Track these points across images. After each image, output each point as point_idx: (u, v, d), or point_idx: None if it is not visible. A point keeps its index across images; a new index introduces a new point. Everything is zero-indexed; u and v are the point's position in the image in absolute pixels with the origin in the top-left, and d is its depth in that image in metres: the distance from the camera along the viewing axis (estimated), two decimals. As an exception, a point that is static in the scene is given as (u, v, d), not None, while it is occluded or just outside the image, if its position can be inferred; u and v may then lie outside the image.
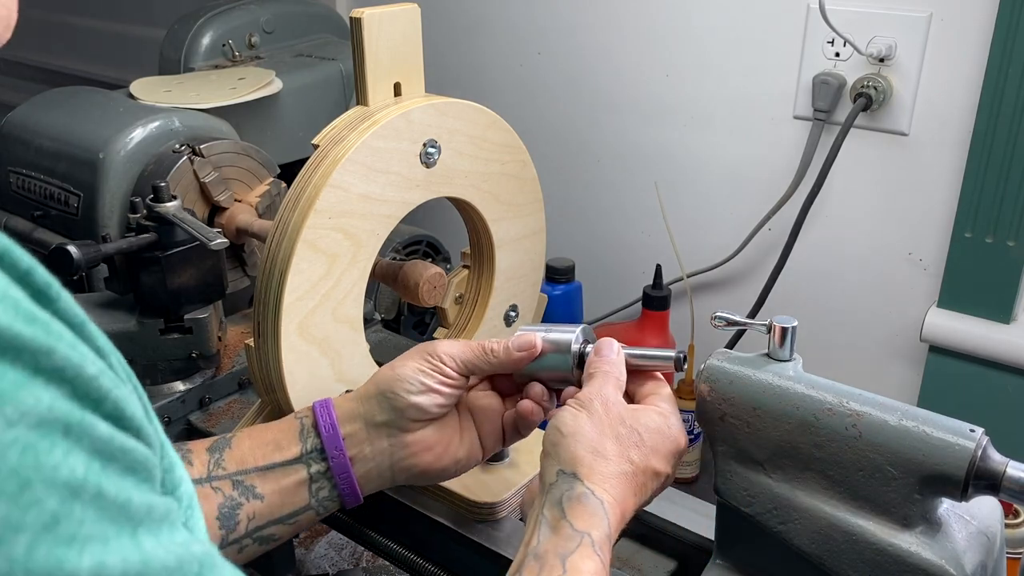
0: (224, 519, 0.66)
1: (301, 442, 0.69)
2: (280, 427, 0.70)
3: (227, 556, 0.66)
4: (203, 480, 0.66)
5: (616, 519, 0.59)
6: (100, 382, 0.31)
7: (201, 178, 1.03)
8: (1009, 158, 1.02)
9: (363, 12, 0.75)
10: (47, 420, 0.28)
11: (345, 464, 0.69)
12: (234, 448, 0.68)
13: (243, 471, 0.67)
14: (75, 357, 0.30)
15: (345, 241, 0.76)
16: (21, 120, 1.14)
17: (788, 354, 0.64)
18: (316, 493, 0.69)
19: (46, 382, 0.29)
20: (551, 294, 1.19)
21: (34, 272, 0.31)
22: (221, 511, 0.65)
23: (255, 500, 0.67)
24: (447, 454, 0.71)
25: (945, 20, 1.06)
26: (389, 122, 0.75)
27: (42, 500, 0.27)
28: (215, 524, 0.65)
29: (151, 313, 0.94)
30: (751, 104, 1.23)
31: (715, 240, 1.30)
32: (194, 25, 1.32)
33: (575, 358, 0.71)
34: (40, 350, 0.29)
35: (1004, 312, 1.09)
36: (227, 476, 0.67)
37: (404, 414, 0.69)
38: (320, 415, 0.69)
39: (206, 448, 0.68)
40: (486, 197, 0.87)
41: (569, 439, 0.61)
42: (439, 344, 0.71)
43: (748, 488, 0.63)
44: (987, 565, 0.58)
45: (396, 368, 0.70)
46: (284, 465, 0.68)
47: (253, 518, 0.67)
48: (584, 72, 1.37)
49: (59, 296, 0.31)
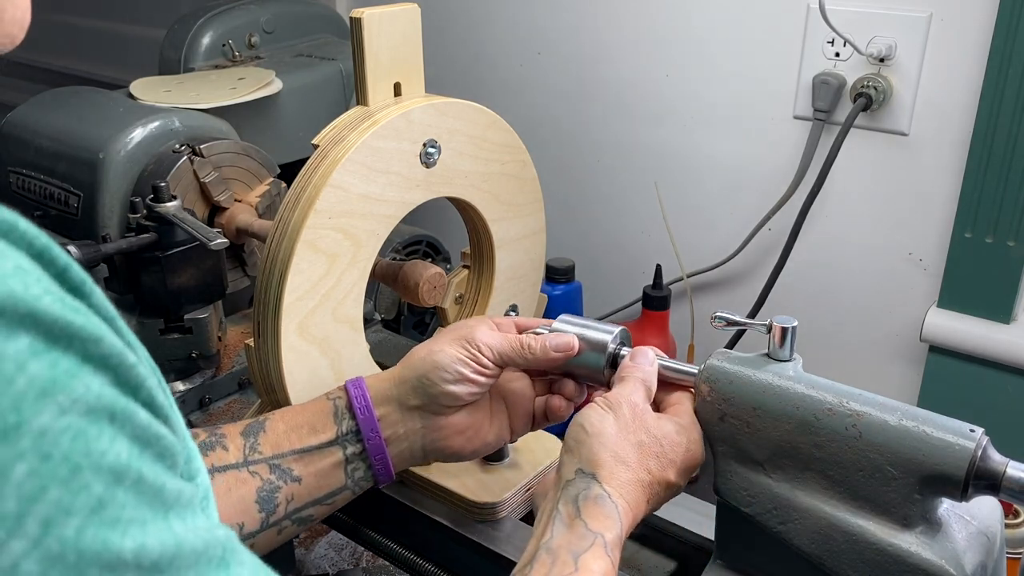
0: (263, 502, 0.67)
1: (336, 424, 0.69)
2: (313, 408, 0.71)
3: (266, 538, 0.67)
4: (240, 464, 0.67)
5: (628, 524, 0.59)
6: (138, 370, 0.32)
7: (201, 178, 1.03)
8: (1009, 158, 1.02)
9: (363, 12, 0.75)
10: (96, 408, 0.29)
11: (381, 446, 0.70)
12: (268, 431, 0.69)
13: (279, 454, 0.68)
14: (118, 346, 0.31)
15: (345, 241, 0.76)
16: (21, 120, 1.14)
17: (788, 354, 0.64)
18: (352, 474, 0.70)
19: (95, 370, 0.30)
20: (551, 294, 1.19)
21: (71, 269, 0.32)
22: (260, 495, 0.66)
23: (293, 483, 0.68)
24: (478, 437, 0.73)
25: (945, 20, 1.06)
26: (389, 122, 0.75)
27: (90, 484, 0.29)
28: (254, 508, 0.66)
29: (151, 313, 0.94)
30: (751, 104, 1.23)
31: (715, 240, 1.30)
32: (194, 25, 1.32)
33: (609, 359, 0.71)
34: (89, 338, 0.30)
35: (1004, 312, 1.09)
36: (264, 460, 0.68)
37: (438, 400, 0.70)
38: (354, 397, 0.70)
39: (240, 432, 0.69)
40: (486, 197, 0.87)
41: (593, 439, 0.62)
42: (477, 332, 0.70)
43: (748, 488, 0.63)
44: (987, 565, 0.58)
45: (434, 354, 0.70)
46: (320, 448, 0.69)
47: (291, 500, 0.68)
48: (584, 72, 1.37)
49: (93, 292, 0.33)
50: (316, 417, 0.70)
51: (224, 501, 0.65)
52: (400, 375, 0.71)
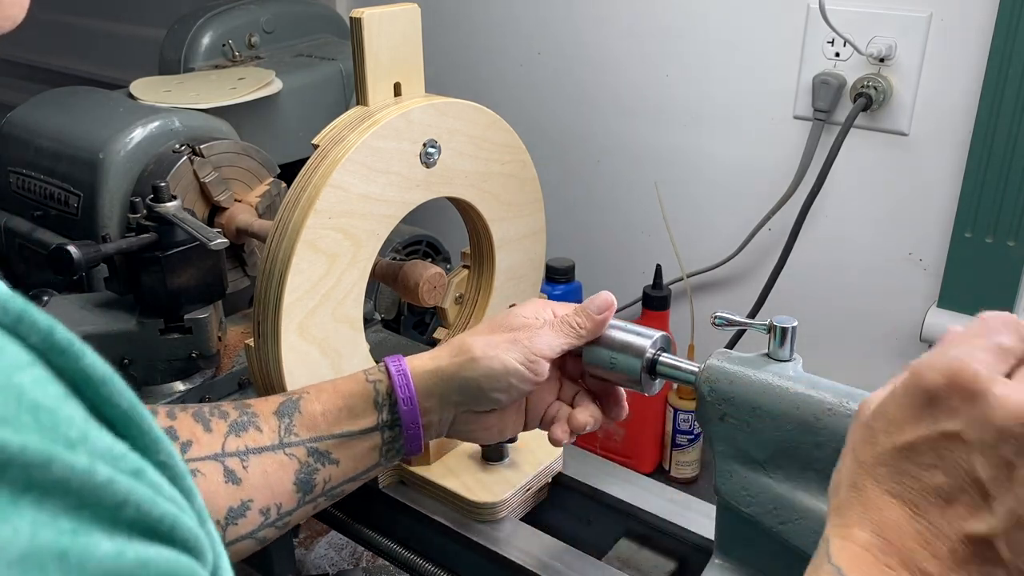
0: (301, 484, 0.66)
1: (377, 412, 0.68)
2: (351, 390, 0.69)
3: (302, 513, 0.67)
4: (276, 447, 0.66)
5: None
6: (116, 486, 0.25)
7: (201, 178, 1.03)
8: (1009, 158, 1.02)
9: (363, 12, 0.75)
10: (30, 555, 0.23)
11: (419, 435, 0.69)
12: (304, 413, 0.67)
13: (317, 437, 0.67)
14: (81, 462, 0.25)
15: (345, 241, 0.76)
16: (21, 120, 1.14)
17: (788, 354, 0.64)
18: (386, 454, 0.70)
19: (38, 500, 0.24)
20: (551, 294, 1.20)
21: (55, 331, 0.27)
22: (298, 477, 0.66)
23: (331, 465, 0.67)
24: (501, 429, 0.73)
25: (945, 20, 1.06)
26: (389, 122, 0.75)
27: None
28: (292, 489, 0.66)
29: (151, 313, 0.94)
30: (751, 104, 1.23)
31: (715, 240, 1.30)
32: (194, 25, 1.32)
33: (647, 364, 0.69)
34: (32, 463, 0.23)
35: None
36: (301, 443, 0.66)
37: (481, 403, 0.69)
38: (399, 386, 0.68)
39: (272, 412, 0.67)
40: (486, 197, 0.87)
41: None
42: (538, 340, 0.68)
43: (748, 488, 0.63)
44: None
45: (489, 360, 0.67)
46: (360, 434, 0.68)
47: (329, 480, 0.68)
48: (584, 72, 1.37)
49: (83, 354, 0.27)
50: (356, 401, 0.68)
51: (261, 484, 0.64)
52: (448, 371, 0.68)
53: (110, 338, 0.92)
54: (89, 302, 0.97)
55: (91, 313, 0.95)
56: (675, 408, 1.24)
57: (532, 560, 0.75)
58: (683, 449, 1.26)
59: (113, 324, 0.93)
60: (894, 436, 0.44)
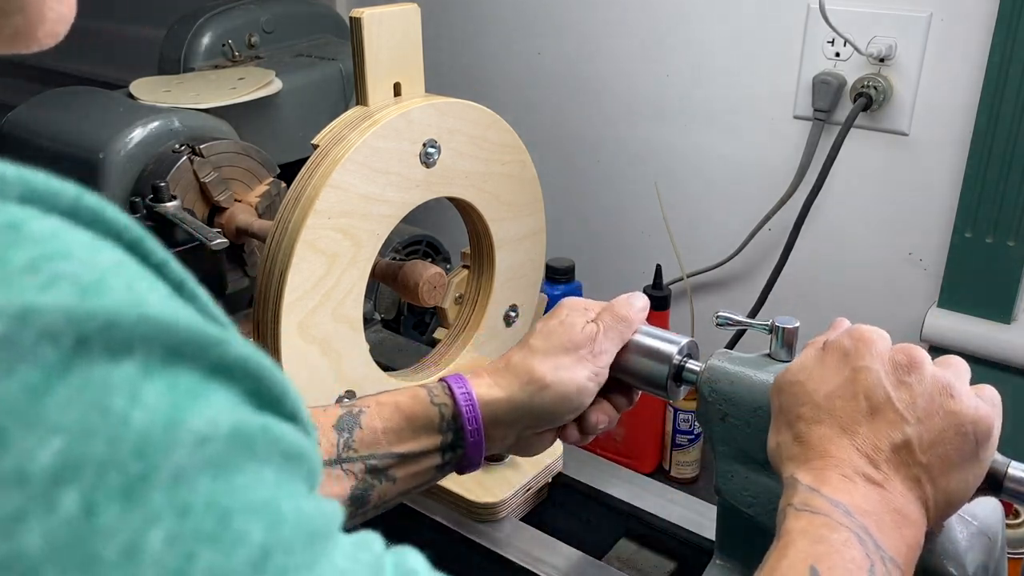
0: (356, 500, 0.64)
1: (441, 435, 0.66)
2: (415, 411, 0.66)
3: (349, 524, 0.65)
4: (334, 462, 0.63)
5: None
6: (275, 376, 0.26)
7: (201, 178, 1.03)
8: (1009, 158, 1.02)
9: (363, 12, 0.75)
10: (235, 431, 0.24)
11: (480, 459, 0.67)
12: (364, 427, 0.65)
13: (376, 455, 0.65)
14: (246, 351, 0.25)
15: (345, 241, 0.76)
16: (21, 120, 1.14)
17: (790, 354, 0.64)
18: (441, 471, 0.68)
19: (225, 383, 0.24)
20: (551, 294, 1.19)
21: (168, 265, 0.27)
22: (354, 493, 0.64)
23: (387, 482, 0.65)
24: (553, 439, 0.71)
25: (945, 20, 1.06)
26: (389, 122, 0.75)
27: (248, 533, 0.23)
28: (344, 504, 0.63)
29: (151, 313, 0.94)
30: (751, 104, 1.23)
31: (715, 240, 1.30)
32: (194, 25, 1.32)
33: (673, 371, 0.68)
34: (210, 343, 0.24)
35: (1004, 312, 1.09)
36: (359, 459, 0.64)
37: (547, 425, 0.68)
38: (467, 416, 0.66)
39: (332, 425, 0.65)
40: (486, 197, 0.86)
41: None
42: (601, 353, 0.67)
43: (749, 488, 0.63)
44: (988, 566, 0.58)
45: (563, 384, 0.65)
46: (420, 455, 0.66)
47: (384, 496, 0.66)
48: (584, 72, 1.37)
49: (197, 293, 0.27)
50: (419, 422, 0.66)
51: None
52: (519, 400, 0.66)
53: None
54: (89, 302, 0.97)
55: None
56: (675, 408, 1.24)
57: (532, 560, 0.75)
58: (683, 449, 1.26)
59: (113, 324, 0.93)
60: (822, 386, 0.56)
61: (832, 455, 0.53)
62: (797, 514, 0.52)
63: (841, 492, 0.51)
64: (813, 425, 0.55)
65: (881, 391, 0.54)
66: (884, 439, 0.53)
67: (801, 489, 0.53)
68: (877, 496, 0.51)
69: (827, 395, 0.55)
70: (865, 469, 0.52)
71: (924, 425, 0.53)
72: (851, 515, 0.50)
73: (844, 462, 0.53)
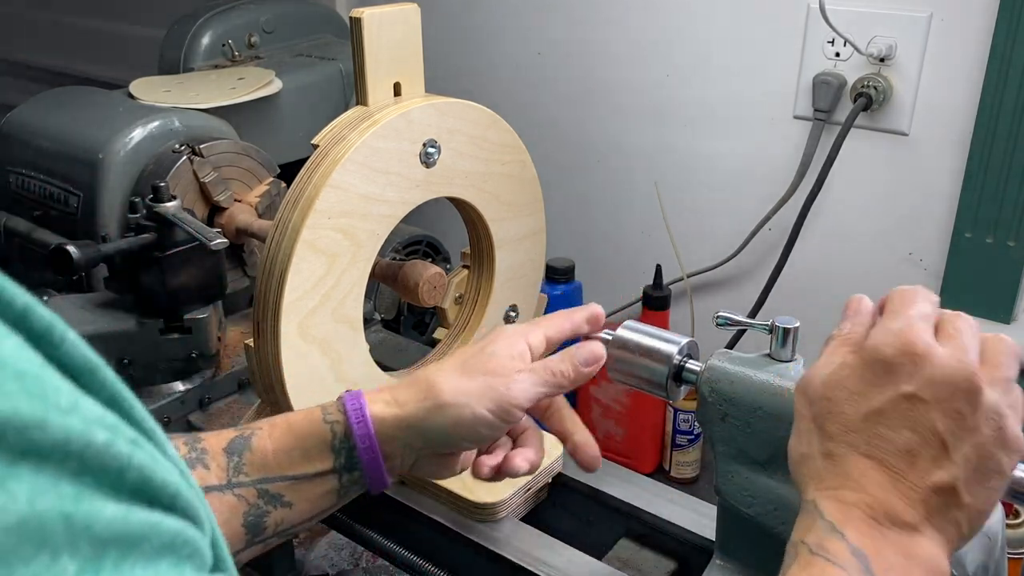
0: (251, 527, 0.62)
1: (334, 455, 0.63)
2: (307, 430, 0.63)
3: (251, 552, 0.62)
4: (224, 487, 0.61)
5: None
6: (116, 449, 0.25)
7: (201, 178, 1.03)
8: (1009, 158, 1.02)
9: (363, 12, 0.75)
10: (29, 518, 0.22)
11: (382, 477, 0.64)
12: (255, 451, 0.62)
13: (267, 478, 0.62)
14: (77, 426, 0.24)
15: (345, 241, 0.76)
16: (21, 120, 1.14)
17: (790, 355, 0.63)
18: (344, 495, 0.65)
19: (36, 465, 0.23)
20: (551, 294, 1.19)
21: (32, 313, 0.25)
22: (247, 519, 0.61)
23: (283, 508, 0.63)
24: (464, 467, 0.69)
25: (945, 20, 1.06)
26: (389, 122, 0.75)
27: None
28: (240, 531, 0.61)
29: (151, 313, 0.94)
30: (751, 104, 1.23)
31: (715, 240, 1.30)
32: (194, 25, 1.32)
33: (673, 371, 0.67)
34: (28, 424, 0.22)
35: (1004, 312, 1.09)
36: (250, 483, 0.62)
37: (445, 448, 0.65)
38: (358, 434, 0.63)
39: (223, 448, 0.63)
40: (486, 197, 0.86)
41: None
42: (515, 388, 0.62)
43: (749, 489, 0.63)
44: (988, 566, 0.58)
45: (459, 408, 0.62)
46: (315, 476, 0.63)
47: (281, 523, 0.63)
48: (584, 72, 1.37)
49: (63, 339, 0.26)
50: (310, 443, 0.63)
51: None
52: (412, 418, 0.63)
53: (110, 338, 0.92)
54: (89, 302, 0.97)
55: (91, 313, 0.95)
56: (675, 408, 1.24)
57: (532, 560, 0.75)
58: (683, 449, 1.26)
59: (113, 324, 0.93)
60: (860, 405, 0.49)
61: (863, 489, 0.48)
62: (810, 559, 0.47)
63: (865, 540, 0.46)
64: (846, 448, 0.49)
65: (928, 424, 0.47)
66: (925, 478, 0.47)
67: (821, 526, 0.48)
68: (905, 548, 0.46)
69: (867, 416, 0.49)
70: (897, 510, 0.47)
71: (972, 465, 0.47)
72: (870, 573, 0.45)
73: (875, 500, 0.47)
